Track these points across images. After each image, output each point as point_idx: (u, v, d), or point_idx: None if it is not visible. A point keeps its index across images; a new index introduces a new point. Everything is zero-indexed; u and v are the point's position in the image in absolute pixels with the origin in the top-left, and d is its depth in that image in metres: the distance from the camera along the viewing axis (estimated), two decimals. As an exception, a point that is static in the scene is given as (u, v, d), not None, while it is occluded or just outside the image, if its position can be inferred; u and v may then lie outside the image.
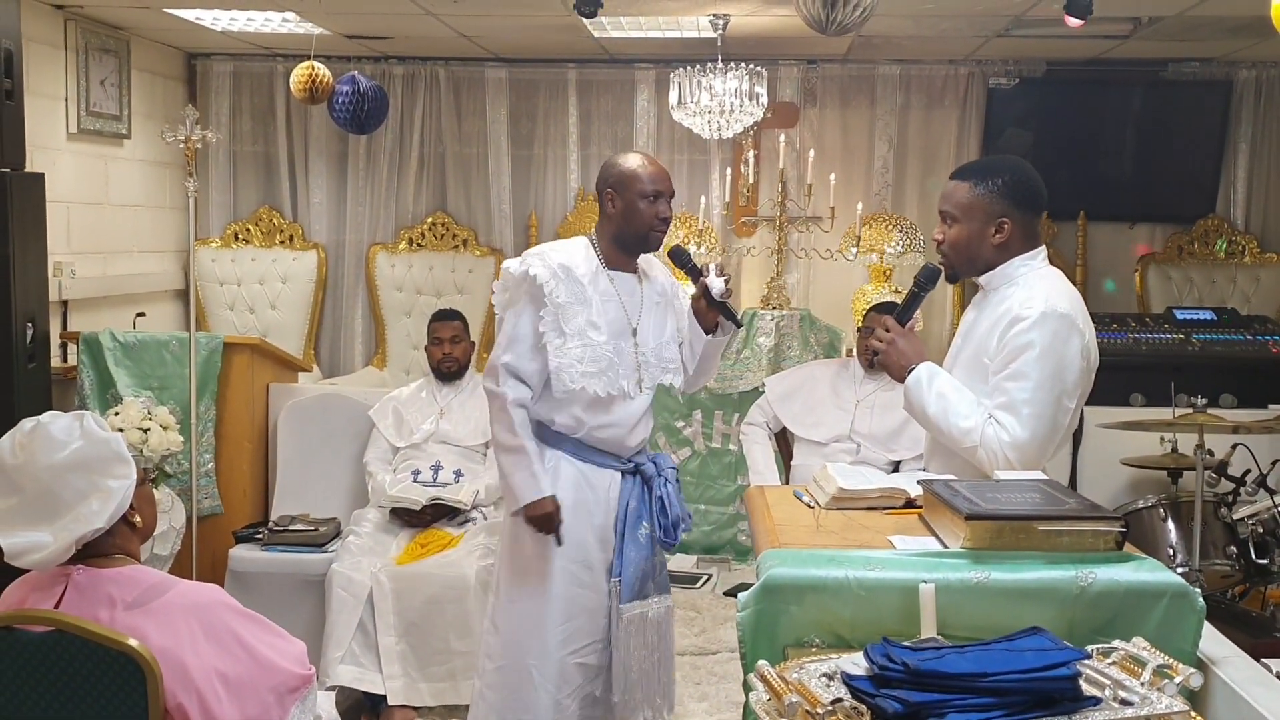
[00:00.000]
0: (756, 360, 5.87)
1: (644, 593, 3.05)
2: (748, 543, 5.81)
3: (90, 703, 2.07)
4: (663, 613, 3.13)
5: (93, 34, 5.87)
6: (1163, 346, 5.83)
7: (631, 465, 3.11)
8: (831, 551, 2.11)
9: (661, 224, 3.08)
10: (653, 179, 3.08)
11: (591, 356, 2.99)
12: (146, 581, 2.16)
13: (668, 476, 3.12)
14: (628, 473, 3.10)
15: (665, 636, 3.13)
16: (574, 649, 3.06)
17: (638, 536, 3.04)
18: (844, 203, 6.30)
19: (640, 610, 3.04)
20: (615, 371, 3.03)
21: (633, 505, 3.06)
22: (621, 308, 3.09)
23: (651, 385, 3.12)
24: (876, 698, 1.58)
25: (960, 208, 2.68)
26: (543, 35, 6.13)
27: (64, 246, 5.62)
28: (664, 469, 3.14)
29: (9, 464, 2.14)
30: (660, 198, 3.08)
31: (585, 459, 3.07)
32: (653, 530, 3.09)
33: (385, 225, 7.05)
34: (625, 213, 3.09)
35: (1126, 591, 1.98)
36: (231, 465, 5.00)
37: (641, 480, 3.10)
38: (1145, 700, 1.63)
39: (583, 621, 3.06)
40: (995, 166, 2.71)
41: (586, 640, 3.06)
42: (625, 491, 3.08)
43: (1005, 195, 2.64)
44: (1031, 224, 2.68)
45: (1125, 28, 5.71)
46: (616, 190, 3.11)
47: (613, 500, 3.08)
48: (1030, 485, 2.25)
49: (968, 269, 2.73)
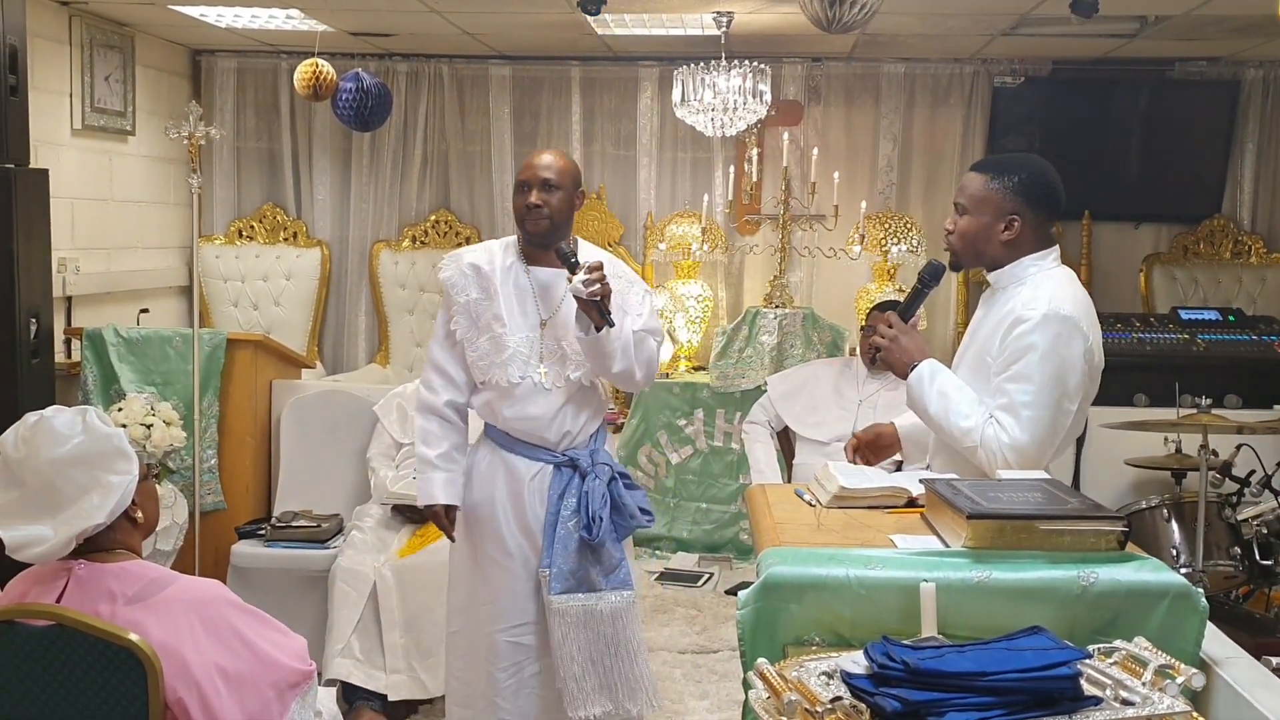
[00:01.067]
0: (759, 359, 5.87)
1: (585, 585, 3.08)
2: (749, 541, 5.81)
3: (91, 697, 2.07)
4: (619, 606, 3.12)
5: (97, 30, 5.87)
6: (1167, 347, 5.82)
7: (566, 459, 3.14)
8: (832, 550, 2.11)
9: (528, 212, 3.13)
10: (524, 170, 3.17)
11: (496, 348, 3.12)
12: (147, 576, 2.16)
13: (599, 473, 3.13)
14: (563, 465, 3.14)
15: (623, 631, 3.12)
16: (503, 627, 3.15)
17: (569, 529, 3.08)
18: (848, 201, 6.29)
19: (580, 603, 3.07)
20: (522, 363, 3.12)
21: (565, 499, 3.10)
22: (535, 301, 3.17)
23: (561, 379, 3.14)
24: (876, 696, 1.58)
25: (972, 200, 2.68)
26: (546, 33, 6.13)
27: (68, 242, 5.63)
28: (597, 464, 3.14)
29: (11, 457, 2.14)
30: (527, 187, 3.13)
31: (513, 450, 3.17)
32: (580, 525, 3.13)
33: (389, 222, 7.06)
34: (514, 207, 3.21)
35: (1128, 591, 1.98)
36: (234, 461, 5.01)
37: (578, 475, 3.13)
38: (1147, 700, 1.62)
39: (507, 603, 3.15)
40: (1015, 164, 2.70)
41: (517, 621, 3.15)
42: (558, 484, 3.13)
43: (1019, 193, 2.63)
44: (1044, 225, 2.67)
45: (1131, 27, 5.69)
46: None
47: (541, 492, 3.14)
48: (1032, 485, 2.25)
49: (972, 261, 2.73)
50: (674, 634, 4.76)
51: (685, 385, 6.02)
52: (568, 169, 3.19)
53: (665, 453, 5.98)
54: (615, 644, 3.11)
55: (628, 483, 3.19)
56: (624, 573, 3.15)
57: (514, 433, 3.16)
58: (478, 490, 3.20)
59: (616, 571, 3.13)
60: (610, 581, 3.11)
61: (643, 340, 3.14)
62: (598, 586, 3.09)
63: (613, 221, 6.95)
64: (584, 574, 3.08)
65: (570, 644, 3.06)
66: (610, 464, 3.17)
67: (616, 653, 3.10)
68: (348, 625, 4.01)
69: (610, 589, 3.11)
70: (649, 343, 3.17)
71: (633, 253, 6.95)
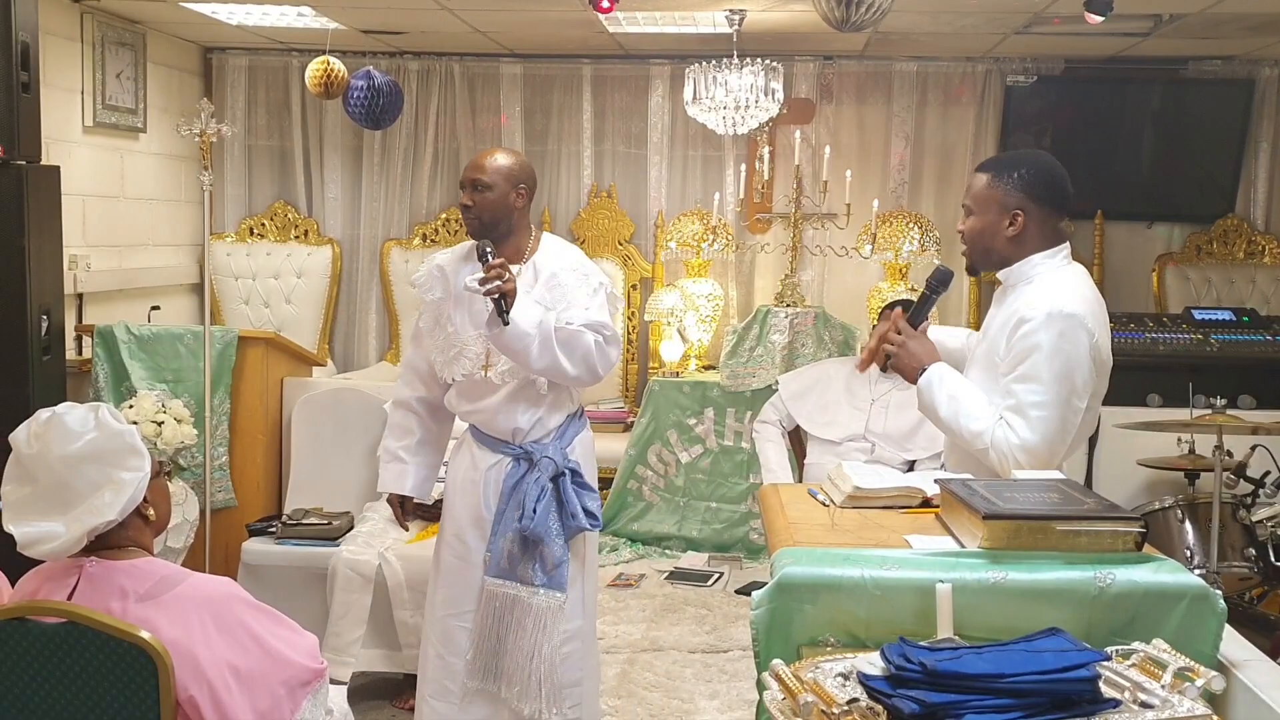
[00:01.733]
0: (770, 358, 5.85)
1: (519, 576, 3.16)
2: (759, 541, 5.80)
3: (102, 694, 2.07)
4: (548, 607, 3.15)
5: (109, 27, 5.88)
6: (1180, 347, 5.78)
7: (523, 452, 3.22)
8: (847, 550, 2.09)
9: (463, 212, 3.24)
10: (463, 171, 3.28)
11: (446, 345, 3.24)
12: (159, 574, 2.16)
13: (542, 467, 3.17)
14: (520, 458, 3.22)
15: (538, 631, 3.14)
16: (453, 612, 3.25)
17: (513, 520, 3.17)
18: (860, 200, 6.27)
19: (511, 591, 3.15)
20: (470, 360, 3.20)
21: (516, 490, 3.19)
22: (480, 299, 3.14)
23: (504, 376, 3.18)
24: (893, 698, 1.57)
25: (977, 199, 2.67)
26: (558, 30, 6.12)
27: (79, 239, 5.64)
28: (540, 458, 3.17)
29: (24, 453, 2.14)
30: (462, 187, 3.25)
31: (479, 442, 3.29)
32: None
33: (399, 220, 7.06)
34: None
35: (1146, 593, 1.96)
36: (245, 459, 5.01)
37: (534, 468, 3.20)
38: (1166, 703, 1.61)
39: (459, 590, 3.25)
40: (1017, 160, 2.70)
41: (467, 607, 3.24)
42: (513, 476, 3.21)
43: (1021, 188, 2.61)
44: (1050, 220, 2.65)
45: (1145, 25, 5.67)
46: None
47: (495, 484, 3.23)
48: (1048, 485, 2.23)
49: (984, 262, 2.72)
50: (684, 633, 4.75)
51: (695, 384, 6.01)
52: (503, 168, 3.21)
53: (675, 452, 5.97)
54: (527, 641, 3.16)
55: (579, 482, 3.22)
56: (561, 576, 3.17)
57: (477, 425, 3.30)
58: (449, 479, 3.35)
59: (555, 572, 3.16)
60: (546, 580, 3.16)
61: (577, 334, 3.11)
62: (532, 582, 3.16)
63: (623, 219, 6.94)
64: (519, 566, 3.17)
65: (490, 622, 3.17)
66: (558, 460, 3.20)
67: (520, 649, 3.16)
68: (361, 612, 4.03)
69: (543, 587, 3.16)
70: (585, 338, 3.12)
71: (643, 251, 6.94)
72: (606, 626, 4.81)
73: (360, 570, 4.07)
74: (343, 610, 4.05)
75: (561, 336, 3.08)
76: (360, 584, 4.05)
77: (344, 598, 4.05)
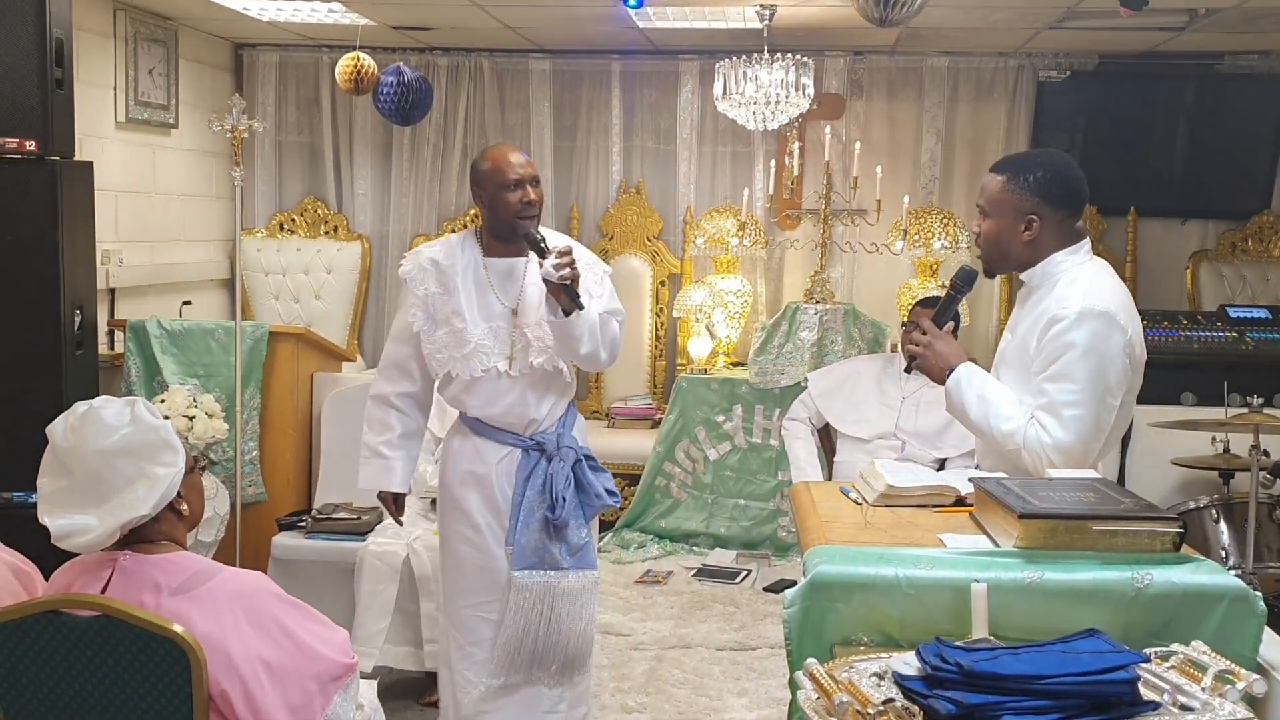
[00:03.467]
0: (799, 355, 5.83)
1: (546, 563, 3.19)
2: (787, 539, 5.78)
3: (135, 687, 2.08)
4: (582, 584, 3.23)
5: (141, 24, 5.91)
6: (1215, 345, 5.71)
7: (534, 443, 3.23)
8: (880, 549, 2.08)
9: (525, 208, 3.18)
10: (513, 168, 3.19)
11: (456, 341, 3.19)
12: (192, 568, 2.17)
13: (564, 456, 3.22)
14: (530, 449, 3.23)
15: (580, 609, 3.24)
16: (473, 602, 3.25)
17: (532, 509, 3.18)
18: (890, 196, 6.23)
19: (540, 580, 3.18)
20: (486, 354, 3.19)
21: (531, 480, 3.20)
22: (494, 293, 3.23)
23: (526, 366, 3.20)
24: (929, 698, 1.55)
25: (991, 202, 2.65)
26: (587, 26, 6.12)
27: (112, 235, 5.68)
28: (563, 447, 3.24)
29: (60, 446, 2.15)
30: (522, 185, 3.17)
31: (481, 434, 3.26)
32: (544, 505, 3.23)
33: (428, 216, 7.07)
34: (491, 206, 3.22)
35: (1184, 594, 1.94)
36: (275, 453, 5.03)
37: (545, 458, 3.23)
38: (1206, 706, 1.59)
39: (476, 579, 3.25)
40: (1031, 161, 2.67)
41: (485, 597, 3.23)
42: (525, 467, 3.22)
43: (1036, 192, 2.59)
44: (1066, 222, 2.62)
45: (1181, 20, 5.60)
46: (480, 188, 3.24)
47: (508, 475, 3.23)
48: (1084, 484, 2.21)
49: (1001, 265, 2.71)
50: (711, 630, 4.74)
51: (724, 381, 5.99)
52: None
53: (703, 448, 5.95)
54: (569, 621, 3.21)
55: (593, 464, 3.30)
56: (588, 555, 3.26)
57: (483, 419, 3.25)
58: (449, 472, 3.30)
59: (582, 552, 3.24)
60: (575, 561, 3.22)
61: (607, 322, 3.22)
62: (561, 565, 3.20)
63: (652, 216, 6.93)
64: (546, 552, 3.19)
65: (521, 616, 3.18)
66: (575, 447, 3.27)
67: (565, 630, 3.21)
68: (387, 603, 4.04)
69: (574, 568, 3.22)
70: (612, 324, 3.25)
71: (672, 247, 6.93)
72: (634, 623, 4.81)
73: (387, 561, 4.08)
74: (369, 600, 4.07)
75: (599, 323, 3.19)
76: (387, 574, 4.07)
77: (370, 588, 4.07)
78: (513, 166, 3.18)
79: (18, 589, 2.31)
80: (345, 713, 2.24)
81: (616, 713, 3.95)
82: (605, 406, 6.79)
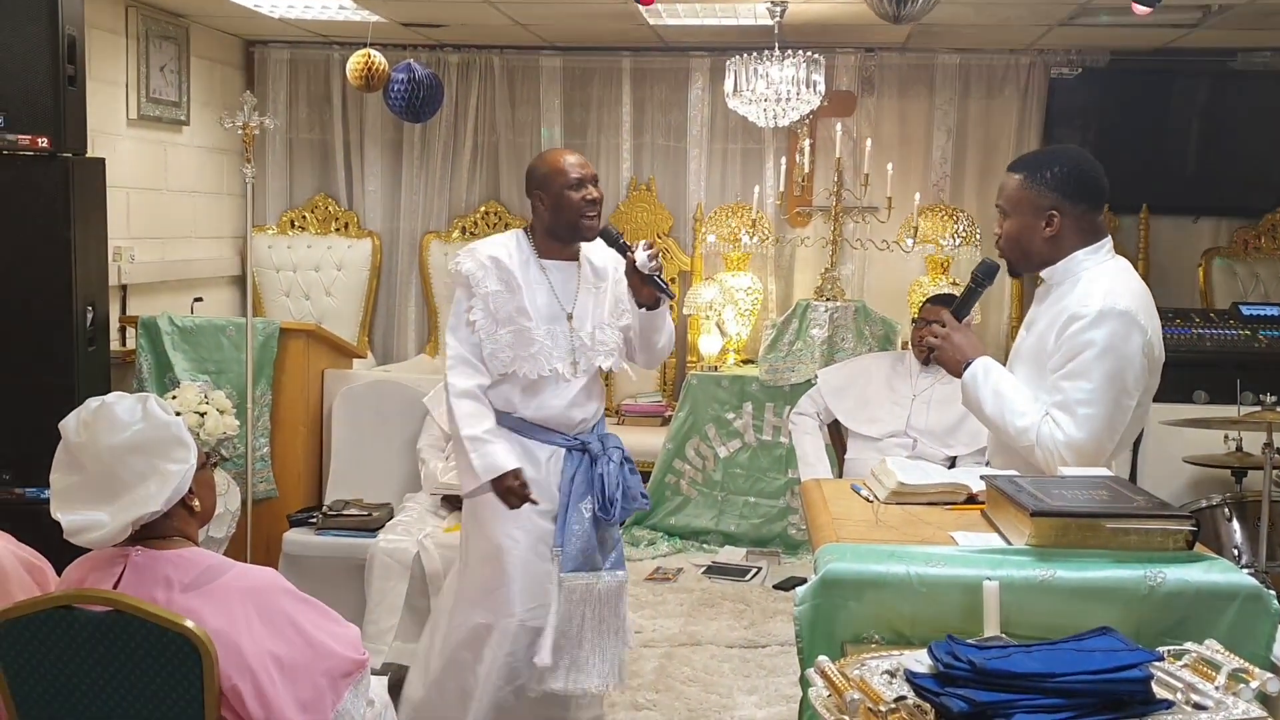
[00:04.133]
0: (809, 352, 5.82)
1: (591, 565, 3.20)
2: (797, 536, 5.77)
3: (147, 682, 2.08)
4: (614, 587, 3.25)
5: (153, 21, 5.92)
6: (1228, 343, 5.69)
7: (578, 443, 3.24)
8: (892, 547, 2.08)
9: (589, 206, 3.21)
10: (575, 167, 3.23)
11: (522, 341, 3.19)
12: (203, 564, 2.17)
13: (611, 456, 3.25)
14: (574, 449, 3.24)
15: (616, 610, 3.26)
16: (531, 606, 3.21)
17: (580, 510, 3.18)
18: (901, 193, 6.21)
19: (586, 581, 3.19)
20: (547, 355, 3.20)
21: (577, 481, 3.21)
22: (553, 294, 3.26)
23: (588, 368, 3.26)
24: (941, 696, 1.55)
25: (1011, 201, 2.64)
26: (597, 23, 6.11)
27: (123, 231, 5.69)
28: (609, 448, 3.27)
29: (73, 442, 2.16)
30: (584, 184, 3.21)
31: (528, 435, 3.24)
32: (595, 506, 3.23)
33: (439, 214, 7.07)
34: (555, 206, 3.23)
35: (1197, 592, 1.94)
36: (286, 450, 5.04)
37: (589, 458, 3.24)
38: (1220, 705, 1.58)
39: (529, 583, 3.21)
40: (1048, 159, 2.66)
41: (535, 603, 3.21)
42: (569, 467, 3.22)
43: (1055, 188, 2.58)
44: (1087, 218, 2.61)
45: (1194, 16, 5.57)
46: (543, 189, 3.26)
47: (556, 474, 3.23)
48: (1097, 482, 2.20)
49: (1024, 264, 2.70)
50: (721, 628, 4.73)
51: (734, 379, 5.98)
52: None
53: (713, 446, 5.95)
54: (609, 623, 3.22)
55: (630, 466, 3.32)
56: (619, 554, 3.29)
57: (533, 420, 3.24)
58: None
59: (614, 552, 3.26)
60: (609, 561, 3.24)
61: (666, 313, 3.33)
62: (598, 566, 3.21)
63: (662, 212, 6.92)
64: (592, 553, 3.19)
65: (573, 620, 3.17)
66: (620, 447, 3.30)
67: (603, 631, 3.21)
68: (397, 599, 4.04)
69: (608, 569, 3.23)
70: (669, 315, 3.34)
71: (682, 244, 6.92)
72: (644, 620, 4.80)
73: (397, 557, 4.09)
74: (379, 597, 4.08)
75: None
76: (398, 571, 4.08)
77: (381, 584, 4.08)
78: (574, 166, 3.23)
79: (30, 584, 2.32)
80: (356, 709, 2.24)
81: (626, 710, 3.94)
82: (615, 404, 6.79)
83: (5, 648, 2.09)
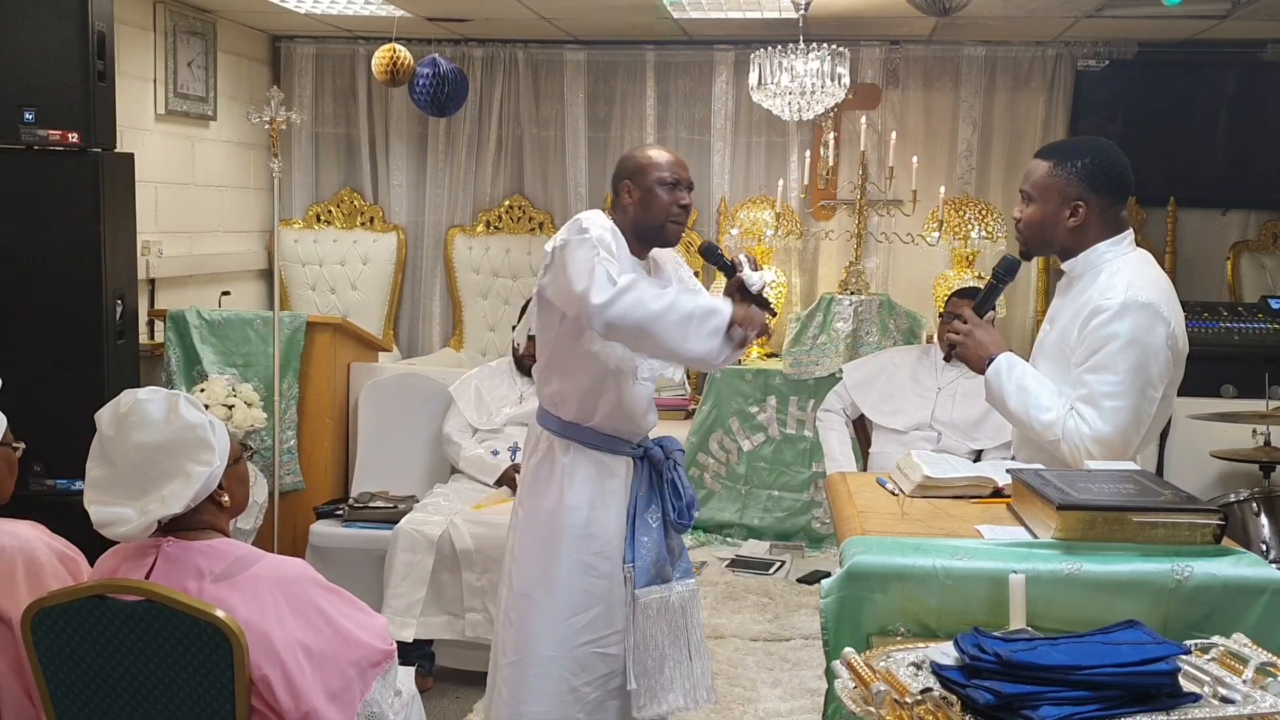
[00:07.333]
0: (834, 346, 5.81)
1: (663, 576, 3.00)
2: (821, 530, 5.77)
3: (179, 671, 2.10)
4: (686, 596, 3.05)
5: (181, 17, 5.97)
6: (1256, 336, 5.66)
7: (641, 450, 3.03)
8: (917, 540, 2.07)
9: (680, 212, 2.96)
10: (671, 166, 2.96)
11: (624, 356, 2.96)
12: (234, 554, 2.19)
13: (676, 459, 3.05)
14: (639, 458, 3.02)
15: (691, 620, 3.05)
16: (593, 638, 2.97)
17: (648, 521, 2.99)
18: (926, 186, 6.20)
19: (660, 594, 2.98)
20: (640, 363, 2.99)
21: (643, 491, 3.00)
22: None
23: (649, 374, 3.03)
24: (967, 688, 1.55)
25: (1037, 187, 2.63)
26: (622, 16, 6.11)
27: (152, 225, 5.74)
28: (672, 452, 3.06)
29: (105, 434, 2.18)
30: (679, 186, 2.95)
31: (599, 446, 2.99)
32: (665, 514, 3.03)
33: (463, 208, 7.10)
34: (643, 201, 2.95)
35: (1225, 586, 1.92)
36: (313, 442, 5.08)
37: (650, 465, 3.03)
38: (1248, 699, 1.57)
39: (600, 610, 2.96)
40: (1078, 148, 2.65)
41: (606, 630, 2.97)
42: (639, 476, 3.02)
43: (1083, 178, 2.57)
44: (1111, 210, 2.60)
45: (1223, 8, 5.53)
46: (634, 180, 2.98)
47: (627, 485, 3.01)
48: (1123, 475, 2.19)
49: (1041, 249, 2.70)
50: (745, 621, 4.74)
51: (758, 372, 5.98)
52: None
53: (737, 439, 5.95)
54: (687, 634, 3.02)
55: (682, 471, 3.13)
56: (687, 561, 3.10)
57: (606, 429, 2.99)
58: (574, 495, 2.96)
59: (681, 559, 3.07)
60: (678, 570, 3.05)
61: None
62: (669, 577, 3.01)
63: (686, 207, 6.91)
64: (662, 565, 3.00)
65: (650, 640, 2.96)
66: (682, 449, 3.13)
67: (690, 644, 3.03)
68: (423, 573, 4.05)
69: (678, 578, 3.04)
70: None
71: (706, 237, 6.92)
72: (668, 613, 4.81)
73: (424, 532, 4.10)
74: (405, 571, 4.07)
75: None
76: (424, 545, 4.08)
77: (406, 558, 4.07)
78: (671, 165, 2.95)
79: (64, 574, 2.34)
80: (384, 698, 2.26)
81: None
82: (639, 397, 6.79)
83: (40, 637, 2.12)
